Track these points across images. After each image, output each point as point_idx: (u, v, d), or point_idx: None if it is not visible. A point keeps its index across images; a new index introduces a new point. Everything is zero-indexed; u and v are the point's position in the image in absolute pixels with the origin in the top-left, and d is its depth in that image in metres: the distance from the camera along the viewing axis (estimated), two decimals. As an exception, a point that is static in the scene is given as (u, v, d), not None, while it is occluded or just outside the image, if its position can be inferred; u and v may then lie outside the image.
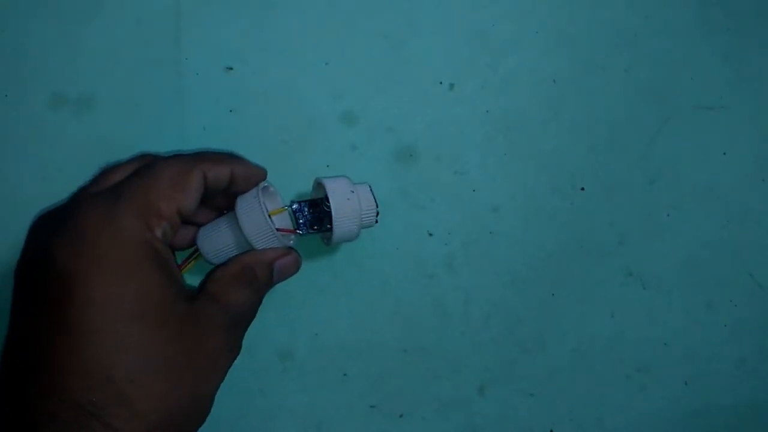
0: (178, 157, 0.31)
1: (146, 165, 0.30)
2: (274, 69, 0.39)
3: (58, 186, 0.37)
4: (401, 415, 0.40)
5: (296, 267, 0.34)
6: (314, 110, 0.39)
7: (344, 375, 0.40)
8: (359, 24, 0.39)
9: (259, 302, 0.33)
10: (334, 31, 0.39)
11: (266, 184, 0.33)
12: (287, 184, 0.39)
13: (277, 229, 0.32)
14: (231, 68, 0.38)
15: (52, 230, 0.28)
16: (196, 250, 0.34)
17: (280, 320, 0.39)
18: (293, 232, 0.34)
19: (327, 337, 0.39)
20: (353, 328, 0.39)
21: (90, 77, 0.38)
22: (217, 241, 0.33)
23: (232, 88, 0.38)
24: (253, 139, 0.39)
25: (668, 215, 0.42)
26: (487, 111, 0.40)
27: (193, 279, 0.36)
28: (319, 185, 0.34)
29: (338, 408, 0.39)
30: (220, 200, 0.33)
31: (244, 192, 0.33)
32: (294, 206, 0.34)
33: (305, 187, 0.38)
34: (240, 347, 0.31)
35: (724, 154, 0.42)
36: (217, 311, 0.30)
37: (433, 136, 0.40)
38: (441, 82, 0.40)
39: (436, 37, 0.40)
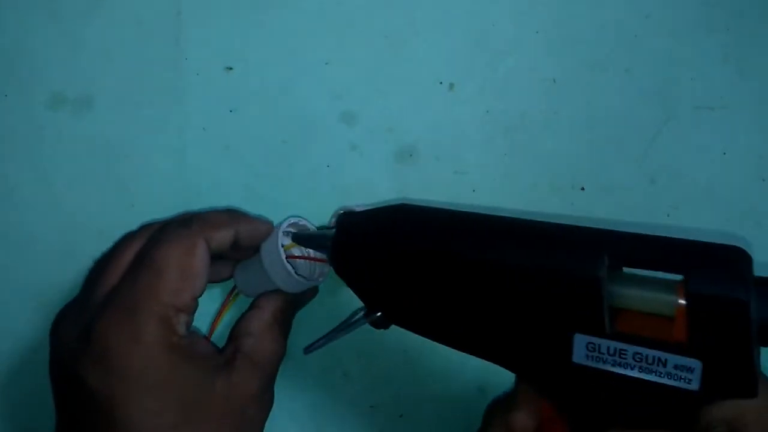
0: (177, 236, 0.30)
1: (147, 256, 0.30)
2: (274, 69, 0.39)
3: (58, 186, 0.37)
4: (401, 415, 0.40)
5: (314, 295, 0.36)
6: (314, 110, 0.39)
7: (345, 375, 0.39)
8: (359, 24, 0.39)
9: (286, 339, 0.34)
10: (334, 31, 0.39)
11: (294, 219, 0.34)
12: (287, 184, 0.39)
13: (312, 259, 0.33)
14: (231, 68, 0.38)
15: (76, 346, 0.28)
16: (236, 287, 0.35)
17: (280, 320, 0.39)
18: (326, 261, 0.34)
19: (327, 337, 0.39)
20: (353, 328, 0.39)
21: (90, 77, 0.38)
22: (253, 281, 0.34)
23: (232, 88, 0.38)
24: (253, 139, 0.39)
25: (668, 215, 0.42)
26: (487, 111, 0.40)
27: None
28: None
29: (338, 408, 0.39)
30: (232, 254, 0.34)
31: (248, 249, 0.33)
32: None
33: (305, 188, 0.38)
34: (273, 396, 0.32)
35: (724, 154, 0.42)
36: (254, 373, 0.31)
37: (433, 136, 0.40)
38: (441, 82, 0.40)
39: (436, 37, 0.40)
